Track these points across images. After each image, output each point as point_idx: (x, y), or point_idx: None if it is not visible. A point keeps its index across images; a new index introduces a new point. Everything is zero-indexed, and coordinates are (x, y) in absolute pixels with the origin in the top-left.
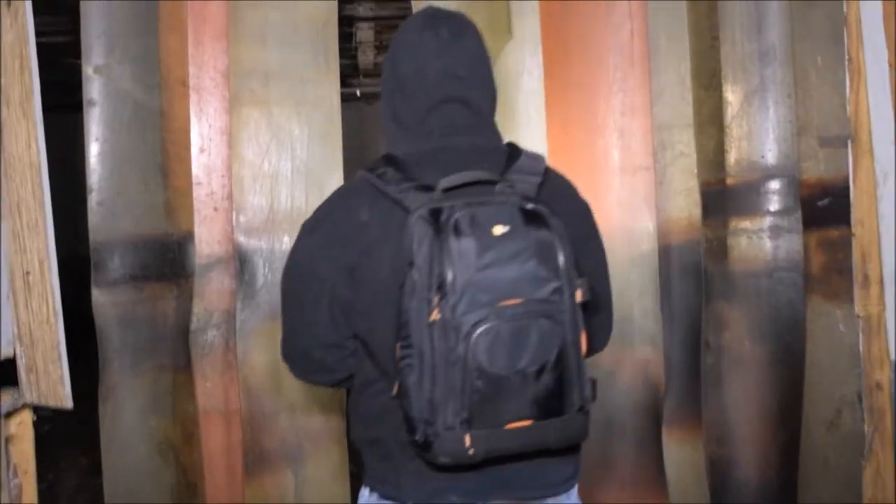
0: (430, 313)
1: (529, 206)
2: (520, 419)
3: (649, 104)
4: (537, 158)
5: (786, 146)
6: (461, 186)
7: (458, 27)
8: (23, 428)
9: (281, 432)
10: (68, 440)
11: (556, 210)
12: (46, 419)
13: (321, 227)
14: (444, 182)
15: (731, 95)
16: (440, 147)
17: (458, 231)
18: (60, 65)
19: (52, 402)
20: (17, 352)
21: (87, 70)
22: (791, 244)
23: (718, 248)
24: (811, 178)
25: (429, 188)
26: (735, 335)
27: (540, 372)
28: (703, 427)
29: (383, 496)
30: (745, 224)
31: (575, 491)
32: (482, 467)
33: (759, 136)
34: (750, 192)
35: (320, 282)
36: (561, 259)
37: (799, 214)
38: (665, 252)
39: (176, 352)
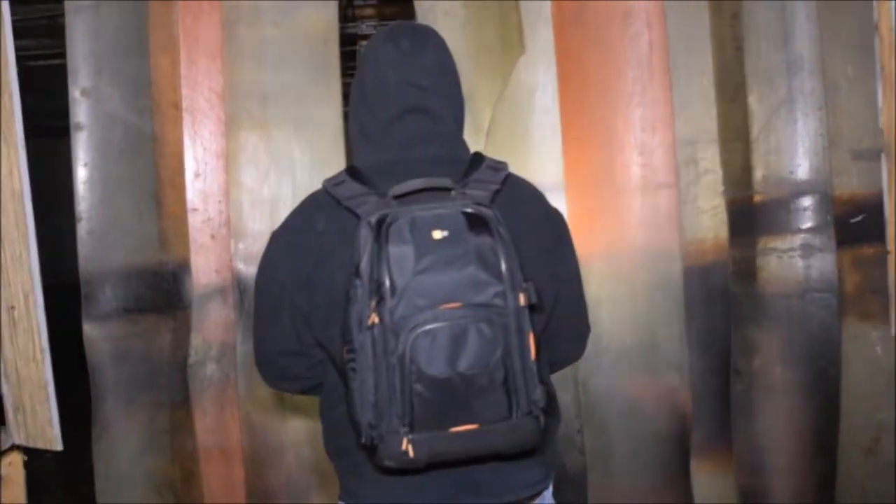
0: (368, 317)
1: (471, 210)
2: (464, 423)
3: (671, 119)
4: (498, 168)
5: (816, 160)
6: (415, 193)
7: (419, 38)
8: (13, 469)
9: (286, 469)
10: (67, 471)
11: (515, 217)
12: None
13: (282, 238)
14: (395, 189)
15: (758, 108)
16: (400, 158)
17: (397, 236)
18: (59, 89)
19: (40, 444)
20: (4, 391)
21: (74, 92)
22: (824, 263)
23: (747, 269)
24: (844, 193)
25: (383, 197)
26: (766, 360)
27: (482, 376)
28: (734, 457)
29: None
30: (775, 243)
31: (548, 494)
32: (444, 473)
33: (788, 150)
34: (779, 210)
35: (280, 291)
36: (503, 264)
37: (832, 232)
38: (690, 274)
39: (173, 387)
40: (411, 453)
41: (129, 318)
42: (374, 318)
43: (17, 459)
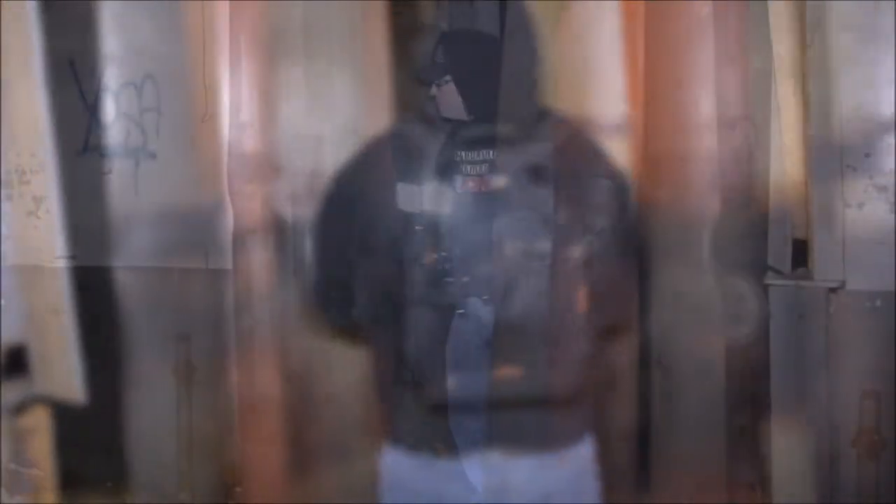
0: (424, 258)
1: (533, 161)
2: (507, 368)
3: (745, 49)
4: (566, 121)
5: None
6: (480, 141)
7: None
8: (39, 421)
9: (329, 424)
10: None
11: (576, 173)
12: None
13: (345, 174)
14: (461, 136)
15: (842, 39)
16: (469, 106)
17: (458, 182)
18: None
19: (63, 394)
20: (29, 341)
21: (105, 22)
22: None
23: (827, 213)
24: None
25: (450, 142)
26: (846, 312)
27: (529, 324)
28: (814, 418)
29: (395, 444)
30: (859, 185)
31: (587, 446)
32: (485, 416)
33: (876, 83)
34: (864, 149)
35: (341, 227)
36: (559, 217)
37: None
38: (765, 220)
39: (209, 337)
40: (454, 393)
41: (163, 262)
42: (429, 259)
43: (42, 412)
